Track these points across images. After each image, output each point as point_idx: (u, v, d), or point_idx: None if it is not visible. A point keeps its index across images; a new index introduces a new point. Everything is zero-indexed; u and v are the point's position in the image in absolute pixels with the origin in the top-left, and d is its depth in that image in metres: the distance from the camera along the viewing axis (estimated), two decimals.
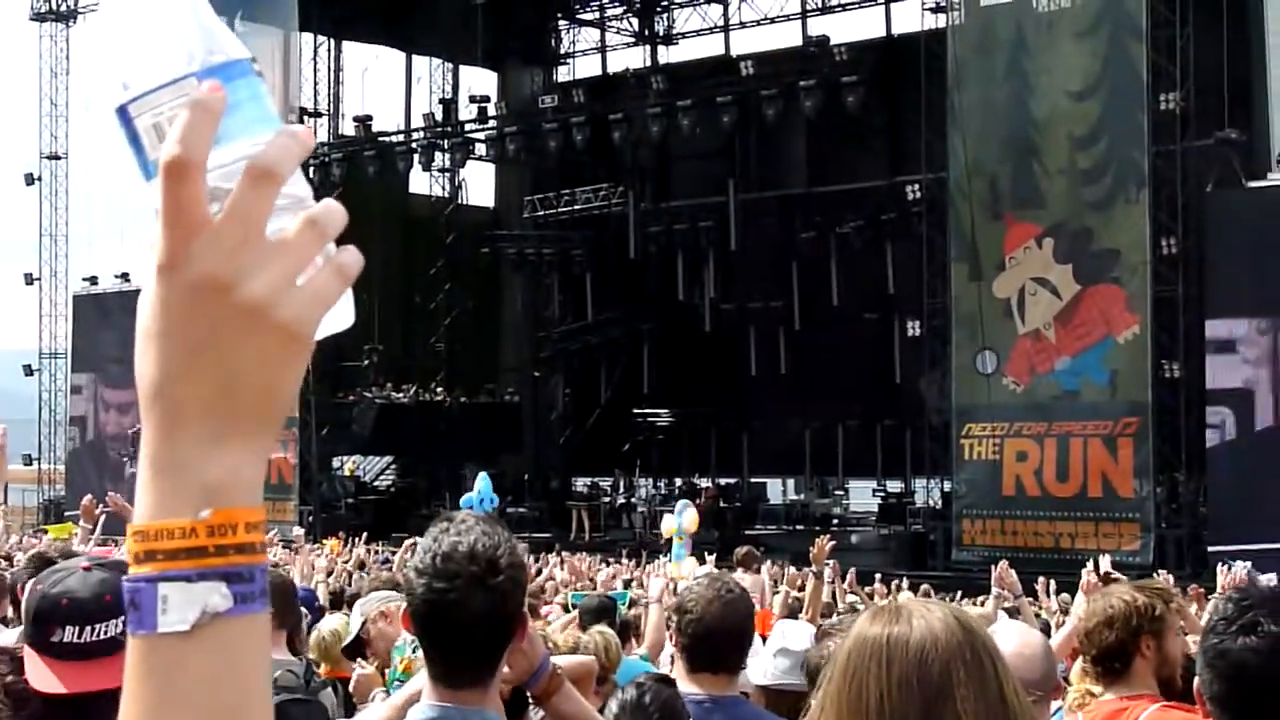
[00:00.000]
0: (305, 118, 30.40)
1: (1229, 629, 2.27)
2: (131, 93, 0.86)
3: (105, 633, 2.29)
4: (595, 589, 8.81)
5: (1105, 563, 6.68)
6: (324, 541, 22.60)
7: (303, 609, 5.83)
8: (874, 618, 1.78)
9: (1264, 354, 19.71)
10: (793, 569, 13.35)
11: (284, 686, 4.05)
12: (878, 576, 16.53)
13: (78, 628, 2.28)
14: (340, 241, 0.86)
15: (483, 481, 17.37)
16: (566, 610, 7.24)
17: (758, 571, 11.15)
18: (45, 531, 15.27)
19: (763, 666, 4.21)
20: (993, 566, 11.81)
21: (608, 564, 15.49)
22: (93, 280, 32.56)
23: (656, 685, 3.34)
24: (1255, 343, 19.77)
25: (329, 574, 11.69)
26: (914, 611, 1.76)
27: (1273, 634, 2.23)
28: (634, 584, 11.03)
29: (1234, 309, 20.07)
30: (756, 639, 4.87)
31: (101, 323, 32.31)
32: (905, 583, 17.04)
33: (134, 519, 0.85)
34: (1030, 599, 15.17)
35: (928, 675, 1.68)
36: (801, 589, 9.78)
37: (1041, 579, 10.51)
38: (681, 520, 14.07)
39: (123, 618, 2.37)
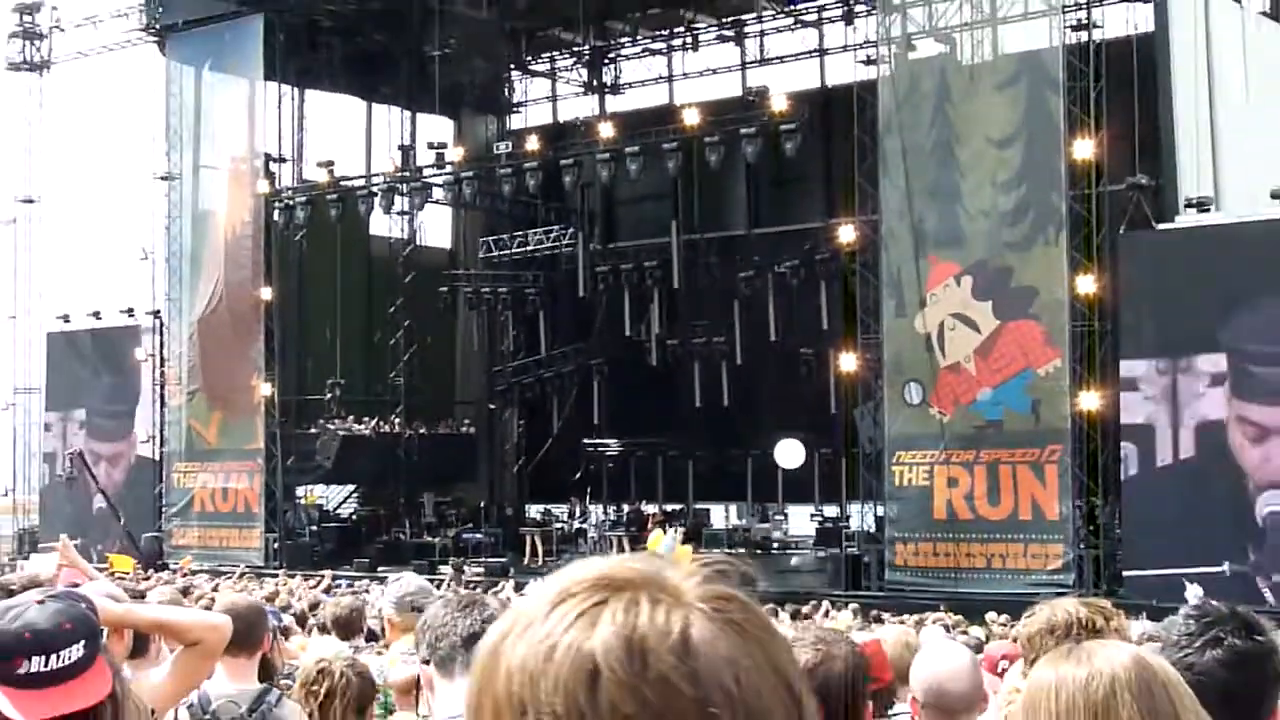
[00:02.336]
0: (271, 163, 30.31)
1: (1193, 644, 2.32)
2: None
3: (69, 658, 2.28)
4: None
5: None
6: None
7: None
8: (1061, 658, 1.81)
9: (1162, 393, 20.01)
10: None
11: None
12: (825, 607, 16.53)
13: (43, 658, 2.26)
14: (305, 281, 0.86)
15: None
16: None
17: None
18: (18, 564, 15.05)
19: None
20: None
21: None
22: (64, 318, 32.25)
23: None
24: (1155, 382, 20.07)
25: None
26: (1100, 652, 1.79)
27: (1237, 647, 2.29)
28: None
29: (1138, 350, 20.38)
30: None
31: (73, 359, 32.10)
32: (827, 604, 17.09)
33: None
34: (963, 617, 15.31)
35: (1091, 698, 1.71)
36: None
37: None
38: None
39: (81, 642, 2.27)
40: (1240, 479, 19.37)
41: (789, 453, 16.86)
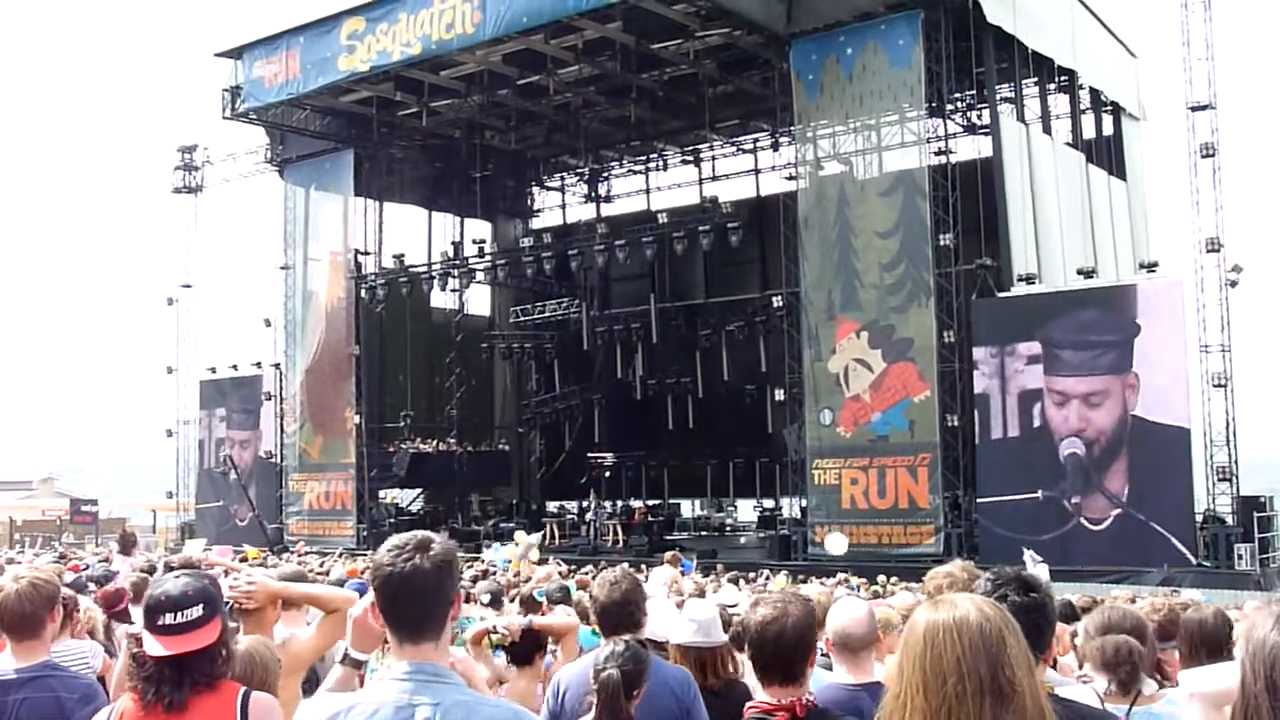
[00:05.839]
0: (359, 255, 30.34)
1: (990, 596, 2.38)
2: None
3: (189, 615, 2.50)
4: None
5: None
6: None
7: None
8: (936, 607, 1.79)
9: (994, 370, 20.20)
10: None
11: None
12: (765, 574, 16.36)
13: (173, 614, 2.49)
14: (384, 341, 0.88)
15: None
16: (534, 598, 6.75)
17: (680, 569, 10.99)
18: (180, 550, 14.73)
19: (679, 630, 3.89)
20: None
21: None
22: (212, 370, 32.31)
23: (632, 642, 3.24)
24: (989, 362, 20.28)
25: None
26: (964, 600, 1.79)
27: (1017, 601, 2.39)
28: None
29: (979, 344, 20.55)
30: (670, 608, 4.66)
31: (217, 398, 32.02)
32: (767, 571, 16.92)
33: None
34: (865, 580, 15.15)
35: (989, 640, 1.72)
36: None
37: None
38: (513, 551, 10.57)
39: (200, 605, 2.46)
40: (1048, 431, 19.55)
41: (836, 542, 16.86)
